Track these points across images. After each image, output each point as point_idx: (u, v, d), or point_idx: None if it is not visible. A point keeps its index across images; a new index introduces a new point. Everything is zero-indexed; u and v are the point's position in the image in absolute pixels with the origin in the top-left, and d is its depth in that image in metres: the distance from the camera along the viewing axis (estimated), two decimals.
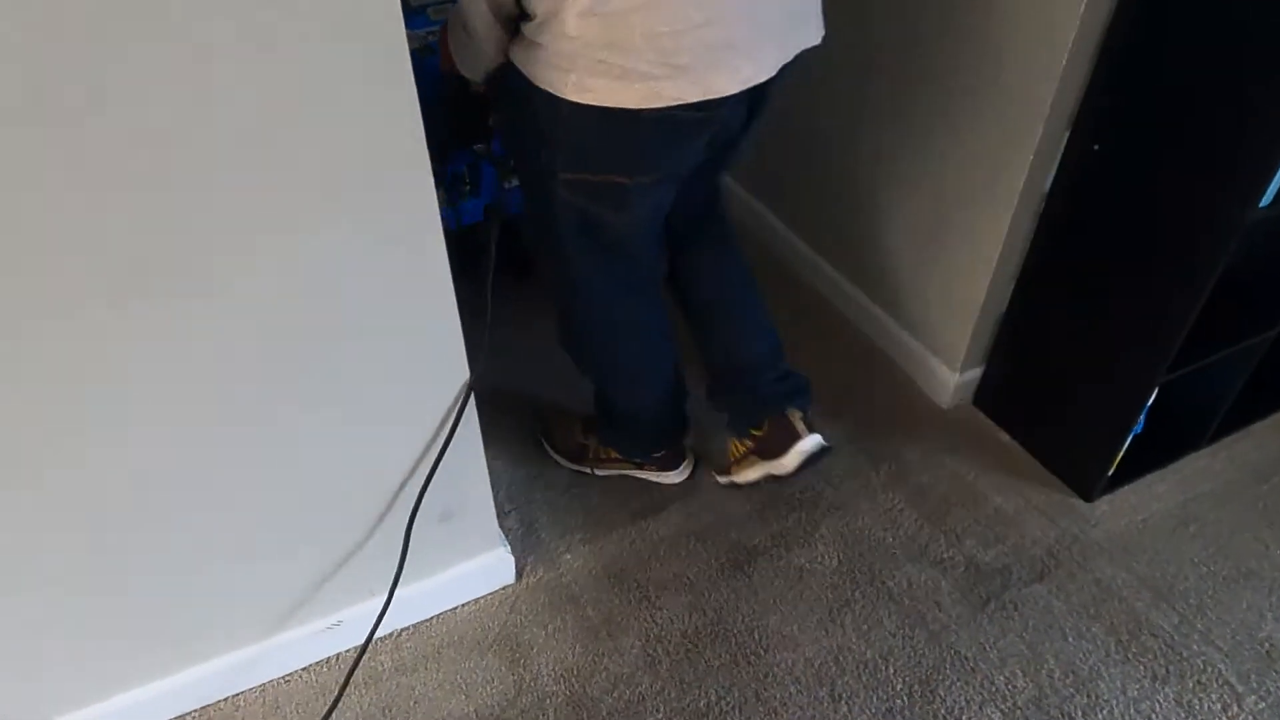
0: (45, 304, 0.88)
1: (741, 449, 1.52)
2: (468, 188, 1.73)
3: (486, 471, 1.37)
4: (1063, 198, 1.51)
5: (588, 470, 1.68)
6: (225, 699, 1.35)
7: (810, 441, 1.43)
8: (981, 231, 1.61)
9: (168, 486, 1.08)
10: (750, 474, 1.52)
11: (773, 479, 1.49)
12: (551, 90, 1.03)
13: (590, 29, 0.97)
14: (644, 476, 1.67)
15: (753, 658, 1.42)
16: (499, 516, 1.62)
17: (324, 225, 0.96)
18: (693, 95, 1.01)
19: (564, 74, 1.01)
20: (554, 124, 1.08)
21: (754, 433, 1.48)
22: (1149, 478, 1.71)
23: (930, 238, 1.74)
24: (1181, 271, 1.36)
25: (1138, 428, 1.66)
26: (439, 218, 1.02)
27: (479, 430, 1.30)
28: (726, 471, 1.59)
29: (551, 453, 1.71)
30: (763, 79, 1.07)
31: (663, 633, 1.44)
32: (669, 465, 1.65)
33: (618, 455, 1.64)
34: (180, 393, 1.01)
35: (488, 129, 1.66)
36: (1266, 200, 1.25)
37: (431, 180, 0.99)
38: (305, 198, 0.93)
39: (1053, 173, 1.50)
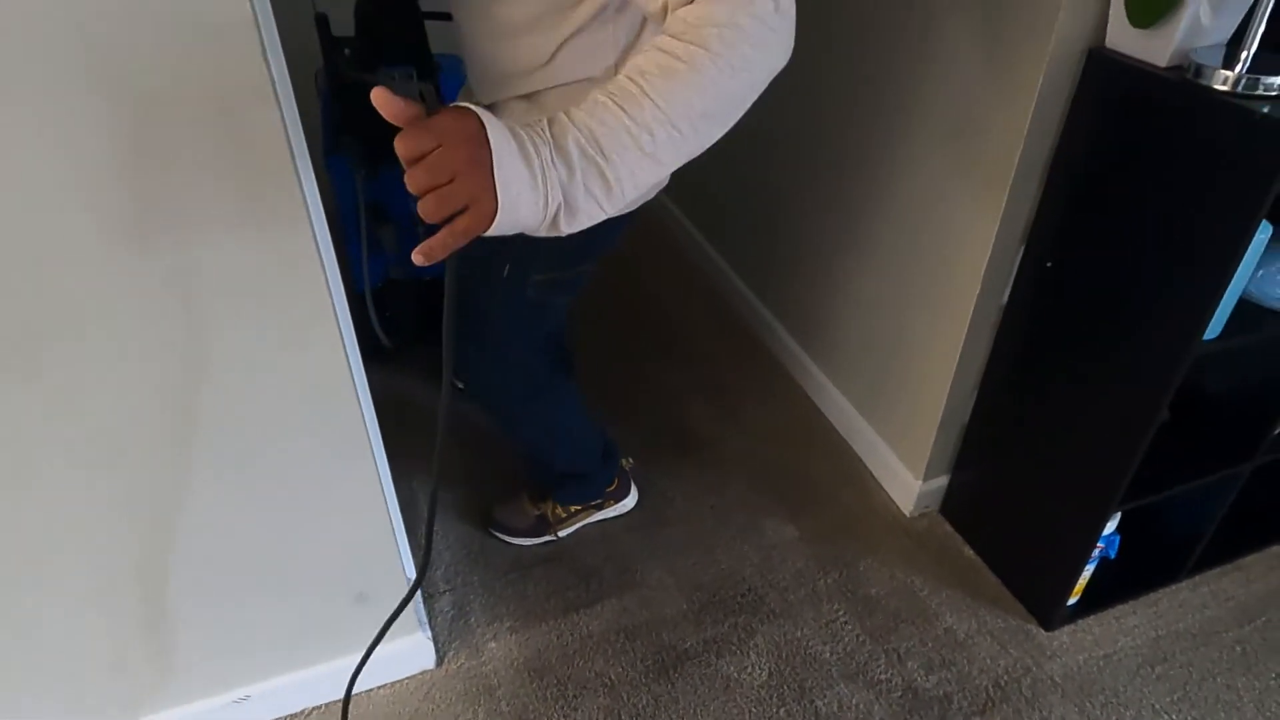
0: None
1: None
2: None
3: (404, 558, 1.36)
4: (1019, 313, 1.46)
5: (552, 537, 1.70)
6: None
7: None
8: (939, 339, 1.56)
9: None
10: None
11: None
12: None
13: None
14: (607, 515, 1.74)
15: None
16: (432, 597, 1.61)
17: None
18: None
19: None
20: (532, 239, 1.03)
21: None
22: (1119, 609, 1.60)
23: (894, 344, 1.70)
24: (1132, 397, 1.29)
25: (1110, 554, 1.57)
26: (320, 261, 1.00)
27: (394, 516, 1.30)
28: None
29: (511, 540, 1.70)
30: None
31: None
32: (623, 493, 1.75)
33: (579, 506, 1.70)
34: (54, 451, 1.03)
35: None
36: (1212, 334, 1.19)
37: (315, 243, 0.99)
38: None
39: (1009, 287, 1.45)
